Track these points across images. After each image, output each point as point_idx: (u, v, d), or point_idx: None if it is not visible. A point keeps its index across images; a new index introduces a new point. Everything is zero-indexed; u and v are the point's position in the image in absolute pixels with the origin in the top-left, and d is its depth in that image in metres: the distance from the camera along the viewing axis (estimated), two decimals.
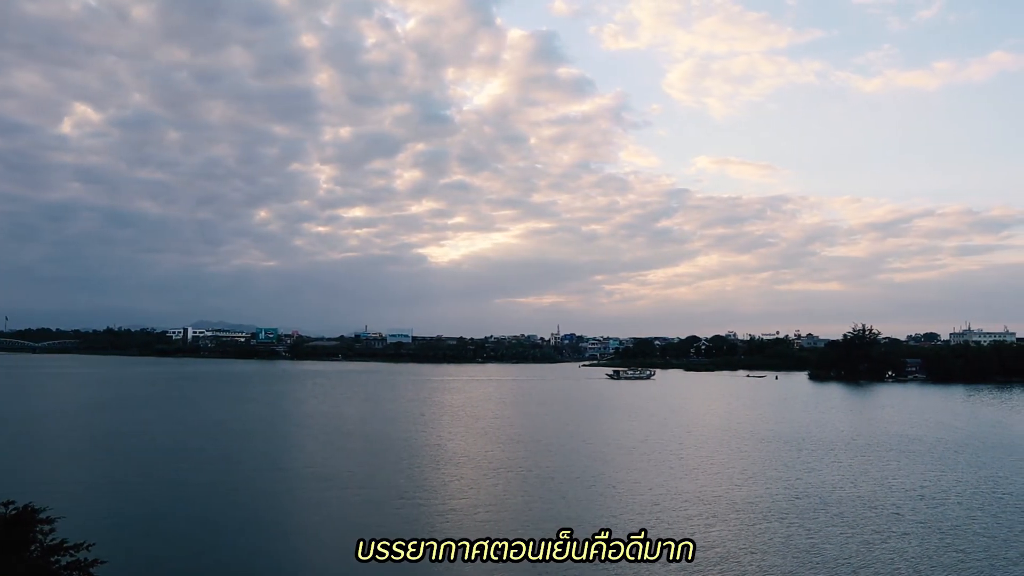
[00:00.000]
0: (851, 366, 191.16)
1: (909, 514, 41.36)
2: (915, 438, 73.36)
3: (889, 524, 39.02)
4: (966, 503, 44.29)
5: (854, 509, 42.29)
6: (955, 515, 41.25)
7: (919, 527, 38.48)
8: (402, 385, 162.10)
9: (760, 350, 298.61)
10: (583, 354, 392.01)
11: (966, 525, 39.05)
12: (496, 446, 66.51)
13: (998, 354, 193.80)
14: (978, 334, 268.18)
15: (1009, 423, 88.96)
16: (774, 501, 44.41)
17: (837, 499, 44.84)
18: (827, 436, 74.55)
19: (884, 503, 43.96)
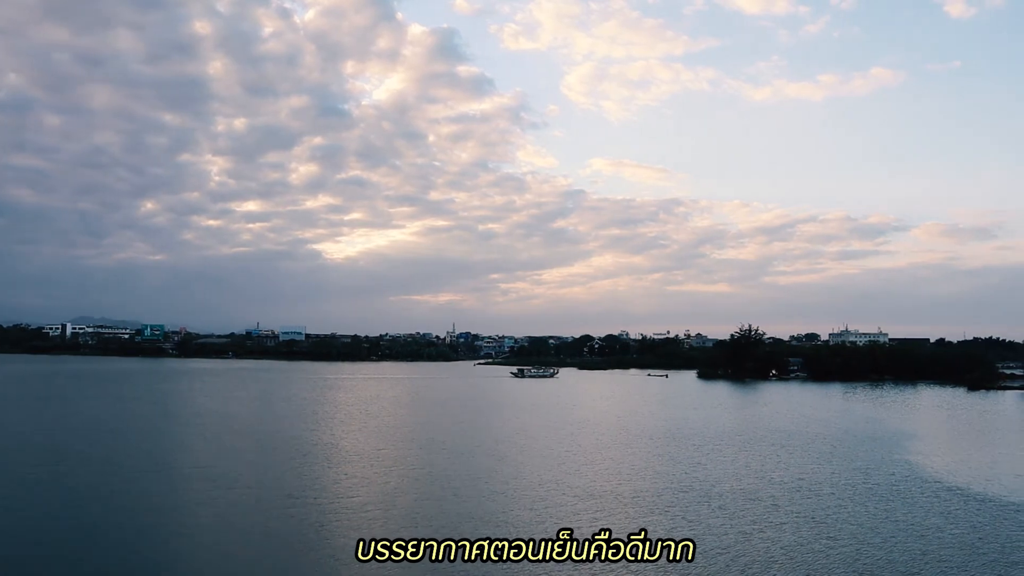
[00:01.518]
0: (738, 365, 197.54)
1: (786, 505, 43.03)
2: (795, 433, 76.41)
3: (767, 515, 40.51)
4: (838, 493, 46.44)
5: (735, 501, 43.71)
6: (828, 504, 43.17)
7: (794, 517, 40.09)
8: (295, 383, 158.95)
9: (651, 349, 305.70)
10: (478, 353, 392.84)
11: (837, 514, 40.93)
12: (391, 445, 66.07)
13: (872, 354, 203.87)
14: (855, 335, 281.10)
15: (880, 418, 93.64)
16: (660, 495, 45.53)
17: (719, 492, 46.28)
18: (713, 432, 76.91)
19: (763, 495, 45.61)
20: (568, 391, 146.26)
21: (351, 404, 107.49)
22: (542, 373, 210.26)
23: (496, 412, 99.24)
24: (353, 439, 69.22)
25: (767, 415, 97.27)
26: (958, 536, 36.54)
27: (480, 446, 65.92)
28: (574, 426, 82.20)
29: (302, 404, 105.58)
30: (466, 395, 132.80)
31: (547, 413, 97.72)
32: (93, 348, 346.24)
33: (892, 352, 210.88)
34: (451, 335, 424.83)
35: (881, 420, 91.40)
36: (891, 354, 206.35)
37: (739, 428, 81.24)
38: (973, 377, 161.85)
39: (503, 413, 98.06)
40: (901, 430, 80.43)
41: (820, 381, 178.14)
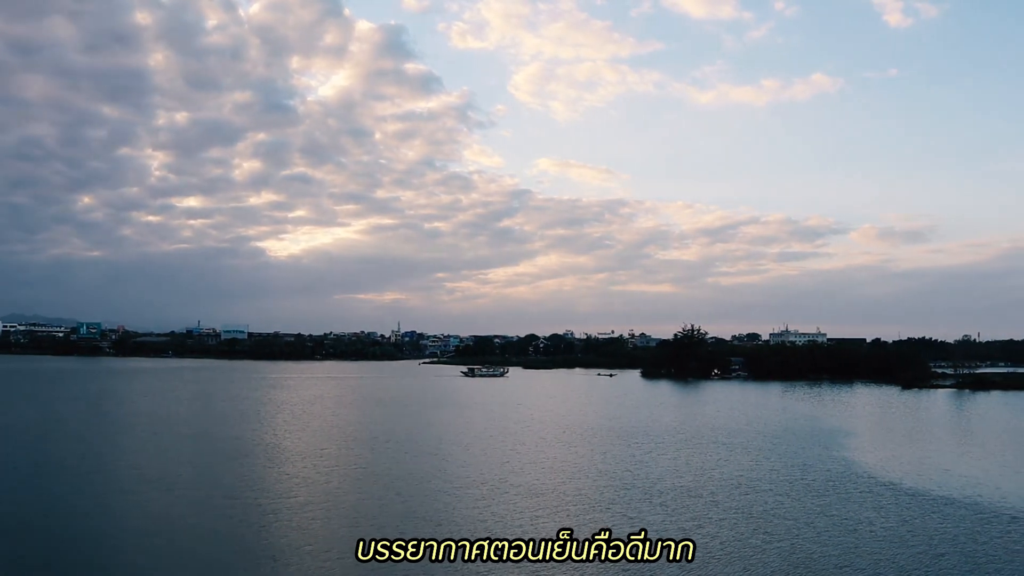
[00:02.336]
0: (681, 364, 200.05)
1: (725, 501, 43.71)
2: (735, 431, 77.65)
3: (706, 511, 41.12)
4: (775, 489, 47.34)
5: (676, 499, 44.28)
6: (766, 500, 43.97)
7: (733, 513, 40.74)
8: (236, 383, 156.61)
9: (596, 349, 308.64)
10: (424, 352, 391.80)
11: (774, 509, 41.71)
12: (334, 444, 65.46)
13: (811, 353, 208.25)
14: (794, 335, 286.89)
15: (818, 416, 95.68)
16: (602, 493, 45.93)
17: (660, 490, 46.83)
18: (656, 431, 77.78)
19: (703, 491, 46.28)
20: (517, 390, 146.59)
21: (294, 404, 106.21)
22: (492, 372, 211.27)
23: (443, 411, 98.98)
24: (295, 439, 68.42)
25: (709, 414, 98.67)
26: (888, 529, 37.53)
27: (425, 445, 65.69)
28: (520, 424, 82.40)
29: (244, 404, 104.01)
30: (413, 394, 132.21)
31: (494, 412, 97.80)
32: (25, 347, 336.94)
33: (830, 352, 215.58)
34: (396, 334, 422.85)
35: (819, 418, 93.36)
36: (829, 354, 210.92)
37: (681, 426, 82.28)
38: (906, 376, 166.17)
39: (450, 412, 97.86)
40: (838, 428, 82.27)
41: (761, 380, 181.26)
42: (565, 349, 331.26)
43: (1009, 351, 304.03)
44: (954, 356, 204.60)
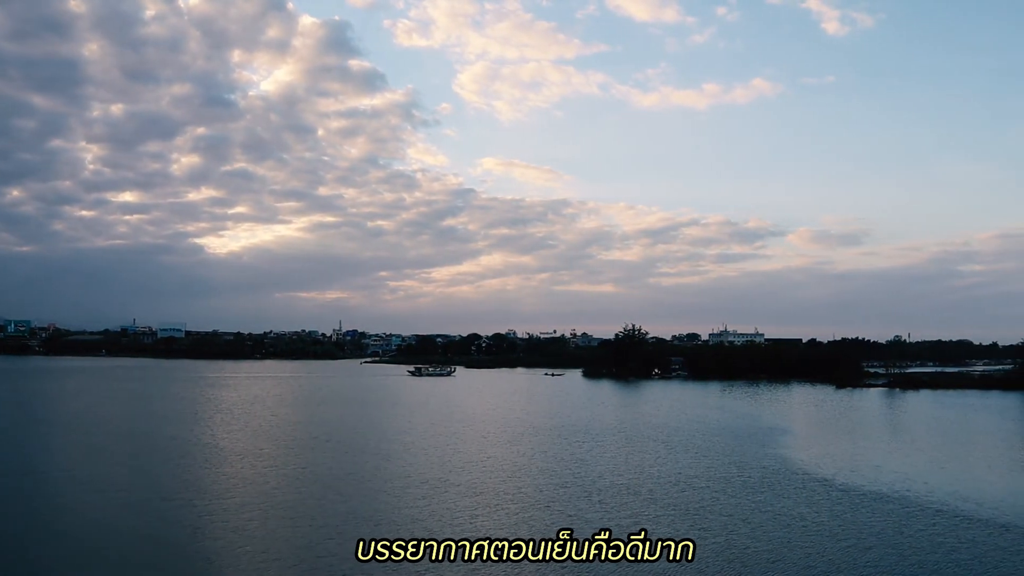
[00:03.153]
0: (622, 364, 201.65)
1: (663, 498, 44.29)
2: (675, 429, 78.66)
3: (644, 508, 41.63)
4: (713, 486, 48.08)
5: (614, 496, 44.71)
6: (702, 497, 44.65)
7: (670, 510, 41.32)
8: (174, 382, 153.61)
9: (538, 348, 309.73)
10: (365, 351, 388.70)
11: (710, 506, 42.39)
12: (273, 444, 64.68)
13: (749, 353, 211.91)
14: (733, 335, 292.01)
15: (755, 415, 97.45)
16: (541, 491, 46.16)
17: (599, 487, 47.23)
18: (597, 429, 78.42)
19: (642, 489, 46.81)
20: (462, 389, 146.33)
21: (233, 403, 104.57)
22: (439, 372, 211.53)
23: (387, 410, 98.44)
24: (234, 439, 67.40)
25: (649, 413, 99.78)
26: (820, 523, 38.43)
27: (367, 444, 65.27)
28: (464, 423, 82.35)
29: (181, 404, 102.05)
30: (357, 394, 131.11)
31: (439, 411, 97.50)
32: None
33: (767, 352, 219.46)
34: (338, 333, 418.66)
35: (756, 416, 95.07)
36: (767, 354, 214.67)
37: (622, 425, 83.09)
38: (840, 376, 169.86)
39: (394, 411, 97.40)
40: (774, 426, 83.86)
41: (700, 380, 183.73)
42: (507, 349, 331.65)
43: (937, 351, 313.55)
44: (886, 356, 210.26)
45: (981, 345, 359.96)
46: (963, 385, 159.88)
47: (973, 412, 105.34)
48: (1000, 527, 38.15)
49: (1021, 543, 35.12)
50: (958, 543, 35.06)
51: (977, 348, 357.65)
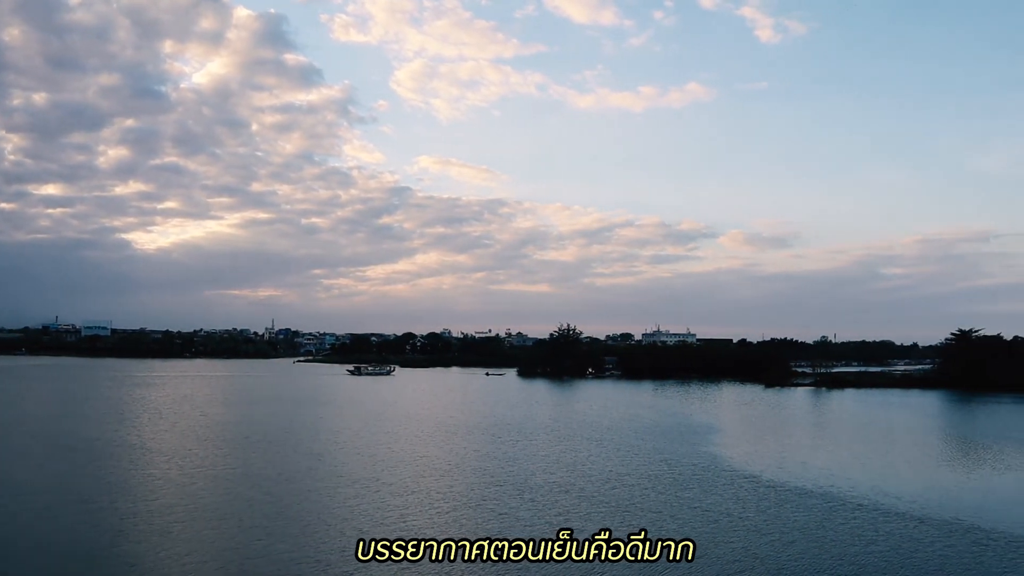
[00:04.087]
0: (556, 363, 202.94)
1: (595, 495, 44.69)
2: (607, 428, 79.45)
3: (575, 506, 41.94)
4: (642, 483, 48.69)
5: (547, 494, 44.96)
6: (633, 494, 45.17)
7: (602, 507, 41.70)
8: (98, 381, 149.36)
9: (473, 348, 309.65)
10: (299, 350, 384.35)
11: (641, 503, 42.93)
12: (201, 445, 63.33)
13: (680, 353, 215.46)
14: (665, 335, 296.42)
15: (686, 413, 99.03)
16: (473, 489, 46.20)
17: (531, 485, 47.44)
18: (530, 428, 78.77)
19: (574, 487, 47.15)
20: (400, 388, 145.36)
21: (161, 403, 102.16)
22: (379, 371, 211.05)
23: (321, 409, 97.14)
24: (161, 439, 65.86)
25: (582, 411, 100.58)
26: (746, 519, 39.22)
27: (299, 444, 64.40)
28: (399, 423, 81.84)
29: (105, 404, 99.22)
30: (293, 393, 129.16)
31: (375, 410, 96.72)
32: None
33: (699, 352, 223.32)
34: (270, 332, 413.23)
35: (687, 415, 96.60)
36: (698, 354, 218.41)
37: (555, 424, 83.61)
38: (769, 375, 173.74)
39: (329, 411, 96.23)
40: (705, 424, 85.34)
41: (633, 379, 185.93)
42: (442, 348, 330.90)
43: (862, 352, 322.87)
44: (813, 356, 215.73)
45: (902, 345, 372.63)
46: (885, 384, 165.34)
47: (894, 410, 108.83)
48: (916, 520, 39.48)
49: (935, 535, 36.41)
50: (876, 536, 36.18)
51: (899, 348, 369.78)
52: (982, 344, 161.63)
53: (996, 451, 66.98)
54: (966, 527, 38.12)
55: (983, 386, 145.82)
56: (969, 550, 33.95)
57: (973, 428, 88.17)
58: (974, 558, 32.79)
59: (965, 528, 37.90)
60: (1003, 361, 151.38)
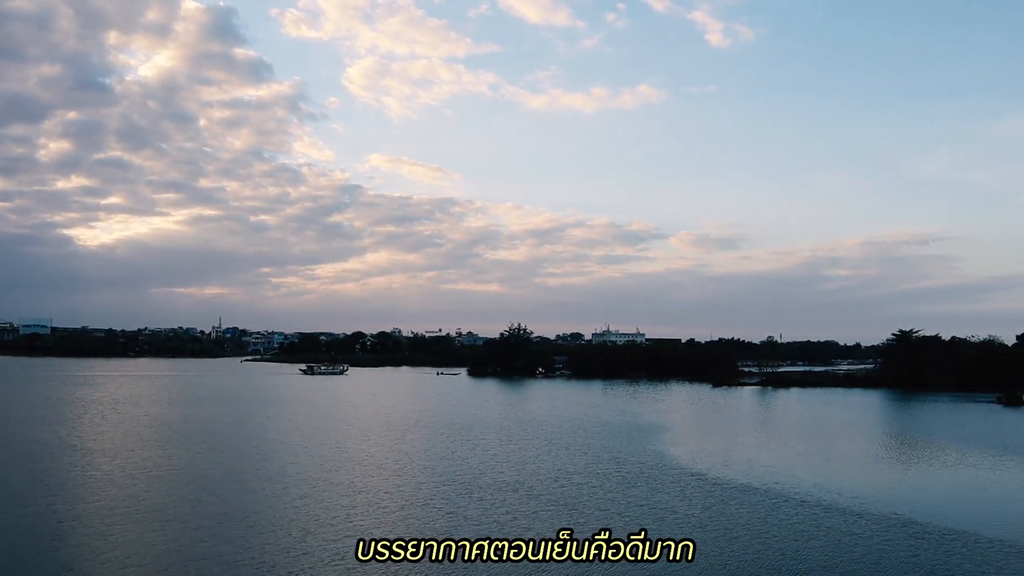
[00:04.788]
0: (507, 363, 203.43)
1: (542, 494, 44.89)
2: (556, 427, 79.85)
3: (522, 504, 42.10)
4: (591, 481, 49.05)
5: (494, 493, 45.04)
6: (581, 492, 45.46)
7: (549, 505, 41.92)
8: (37, 381, 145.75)
9: (423, 347, 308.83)
10: (246, 349, 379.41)
11: (588, 501, 43.20)
12: (144, 445, 62.16)
13: (630, 353, 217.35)
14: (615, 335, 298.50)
15: (635, 412, 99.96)
16: (421, 488, 46.12)
17: (480, 484, 47.49)
18: (480, 427, 78.86)
19: (523, 486, 47.31)
20: (352, 388, 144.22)
21: (103, 403, 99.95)
22: (332, 370, 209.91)
23: (270, 409, 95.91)
24: (103, 440, 64.48)
25: (532, 411, 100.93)
26: (691, 516, 39.76)
27: (247, 444, 63.67)
28: (348, 422, 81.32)
29: (45, 404, 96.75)
30: (240, 392, 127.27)
31: (324, 409, 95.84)
32: None
33: (648, 352, 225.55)
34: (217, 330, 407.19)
35: (636, 414, 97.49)
36: (647, 353, 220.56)
37: (505, 423, 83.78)
38: (717, 375, 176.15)
39: (277, 410, 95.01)
40: (653, 423, 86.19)
41: (583, 378, 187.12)
42: (392, 347, 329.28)
43: (806, 351, 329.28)
44: (759, 356, 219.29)
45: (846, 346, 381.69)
46: (829, 383, 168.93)
47: (837, 409, 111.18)
48: (856, 515, 40.43)
49: (873, 529, 37.32)
50: (817, 530, 36.96)
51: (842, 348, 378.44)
52: (921, 344, 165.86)
53: (932, 448, 68.82)
54: (903, 521, 39.16)
55: (922, 385, 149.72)
56: (905, 543, 34.88)
57: (911, 426, 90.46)
58: (910, 551, 33.68)
59: (902, 522, 38.93)
60: (941, 361, 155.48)
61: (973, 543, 35.16)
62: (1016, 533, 37.13)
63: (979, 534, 36.73)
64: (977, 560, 32.51)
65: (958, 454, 64.63)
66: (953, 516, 40.61)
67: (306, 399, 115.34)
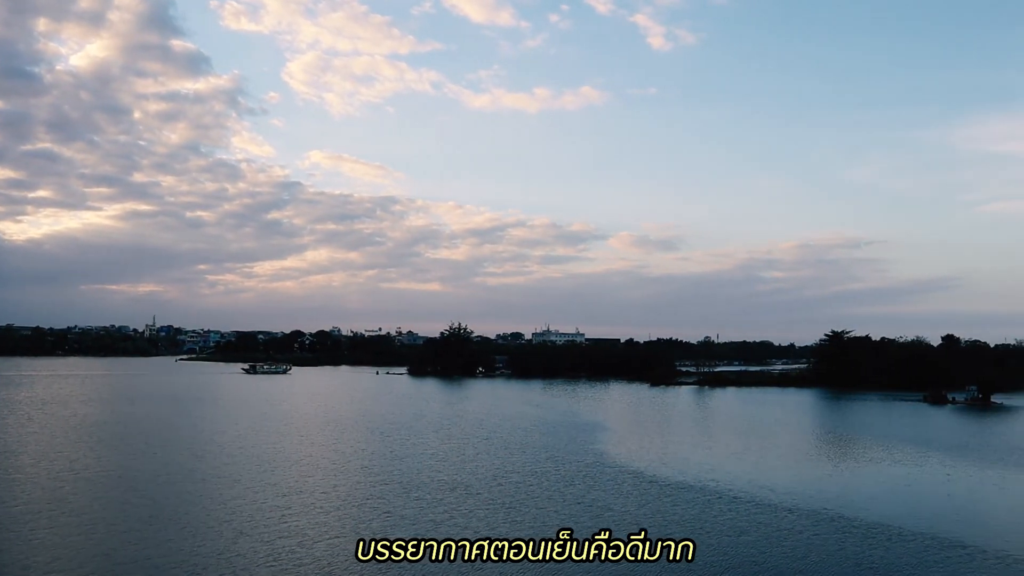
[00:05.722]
0: (447, 362, 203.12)
1: (482, 492, 44.95)
2: (496, 426, 79.99)
3: (460, 503, 42.08)
4: (528, 480, 49.25)
5: (433, 492, 44.94)
6: (518, 491, 45.61)
7: (485, 504, 41.98)
8: None
9: (363, 346, 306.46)
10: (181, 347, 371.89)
11: (526, 500, 43.39)
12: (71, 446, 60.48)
13: (569, 352, 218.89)
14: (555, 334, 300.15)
15: (574, 412, 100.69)
16: (358, 488, 45.80)
17: (418, 483, 47.35)
18: (420, 426, 78.60)
19: (460, 484, 47.29)
20: (293, 387, 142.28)
21: (30, 403, 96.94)
22: (275, 369, 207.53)
23: (205, 409, 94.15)
24: (26, 441, 62.54)
25: (472, 410, 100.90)
26: (627, 513, 40.22)
27: (180, 444, 62.33)
28: (287, 422, 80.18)
29: None
30: (175, 392, 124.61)
31: (262, 409, 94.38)
32: None
33: (588, 351, 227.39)
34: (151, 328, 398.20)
35: (575, 413, 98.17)
36: (587, 353, 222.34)
37: (444, 422, 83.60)
38: (655, 375, 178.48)
39: (213, 410, 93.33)
40: (592, 422, 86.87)
41: (523, 378, 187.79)
42: (332, 346, 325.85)
43: (742, 352, 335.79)
44: (697, 356, 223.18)
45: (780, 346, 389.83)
46: (764, 383, 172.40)
47: (771, 407, 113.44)
48: (786, 510, 41.34)
49: (803, 524, 38.21)
50: (748, 526, 37.69)
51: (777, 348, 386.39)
52: (853, 345, 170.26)
53: (861, 445, 70.68)
54: (831, 516, 40.18)
55: (853, 384, 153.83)
56: (833, 537, 35.79)
57: (842, 424, 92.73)
58: (837, 544, 34.57)
59: (830, 517, 39.94)
60: (871, 361, 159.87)
61: (897, 536, 36.26)
62: (936, 526, 38.37)
63: (902, 527, 37.92)
64: (899, 552, 33.54)
65: (885, 451, 66.48)
66: (878, 510, 41.80)
67: (245, 399, 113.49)
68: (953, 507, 43.88)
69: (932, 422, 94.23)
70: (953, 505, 44.50)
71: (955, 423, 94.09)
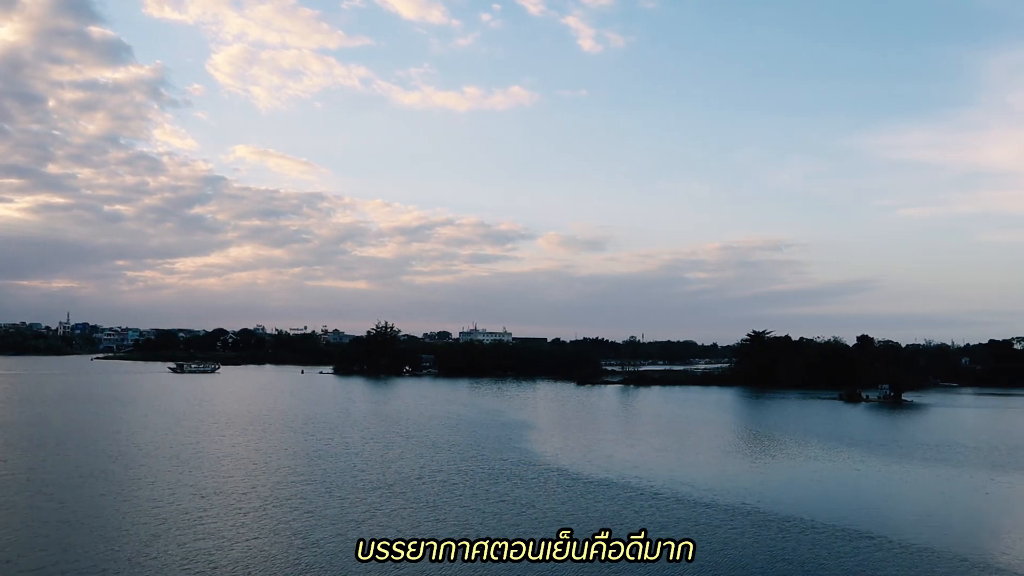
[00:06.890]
0: (373, 361, 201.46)
1: (404, 491, 44.80)
2: (421, 425, 79.73)
3: (384, 502, 41.90)
4: (452, 479, 49.32)
5: (354, 491, 44.63)
6: (442, 490, 45.64)
7: (410, 503, 41.92)
8: None
9: (288, 344, 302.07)
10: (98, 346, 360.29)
11: (450, 499, 43.43)
12: None
13: (497, 351, 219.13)
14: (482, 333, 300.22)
15: (500, 410, 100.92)
16: (280, 488, 45.15)
17: (341, 483, 46.95)
18: (344, 426, 77.90)
19: (383, 483, 47.06)
20: (218, 387, 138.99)
21: None
22: (203, 368, 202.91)
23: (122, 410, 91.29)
24: None
25: (397, 409, 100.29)
26: (552, 509, 40.66)
27: (95, 446, 60.52)
28: (208, 422, 78.40)
29: None
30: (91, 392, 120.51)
31: (182, 409, 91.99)
32: None
33: (515, 350, 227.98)
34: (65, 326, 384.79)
35: (501, 412, 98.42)
36: (514, 352, 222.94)
37: (370, 422, 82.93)
38: (582, 373, 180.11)
39: (131, 410, 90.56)
40: (518, 421, 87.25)
41: (450, 377, 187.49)
42: (256, 345, 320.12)
43: (666, 351, 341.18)
44: (622, 355, 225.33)
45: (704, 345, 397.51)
46: (688, 382, 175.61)
47: (693, 406, 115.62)
48: (705, 505, 42.35)
49: (721, 518, 39.20)
50: (668, 521, 38.47)
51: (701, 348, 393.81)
52: (773, 345, 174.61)
53: (778, 442, 72.61)
54: (748, 510, 41.26)
55: (773, 383, 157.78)
56: (749, 530, 36.78)
57: (760, 421, 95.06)
58: (754, 536, 35.56)
59: (747, 511, 41.00)
60: (791, 360, 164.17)
61: (809, 528, 37.45)
62: (846, 518, 39.76)
63: (814, 519, 39.20)
64: (810, 543, 34.70)
65: (800, 447, 68.45)
66: (792, 504, 43.11)
67: (167, 399, 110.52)
68: (861, 500, 45.48)
69: (846, 419, 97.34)
70: (861, 498, 46.12)
71: (867, 420, 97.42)
